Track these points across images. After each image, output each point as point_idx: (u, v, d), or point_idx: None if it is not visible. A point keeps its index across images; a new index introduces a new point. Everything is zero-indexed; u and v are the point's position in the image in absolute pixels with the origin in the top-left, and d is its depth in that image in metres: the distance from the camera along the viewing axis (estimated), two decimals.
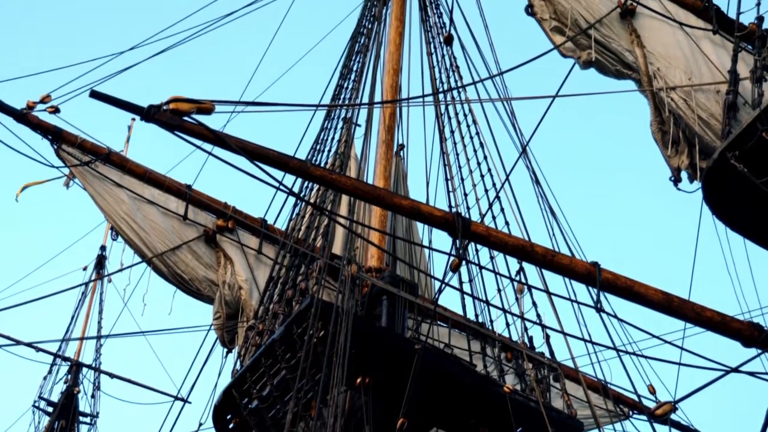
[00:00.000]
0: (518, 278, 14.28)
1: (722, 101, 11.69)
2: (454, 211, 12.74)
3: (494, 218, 14.88)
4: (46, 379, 28.84)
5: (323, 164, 15.81)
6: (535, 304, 14.17)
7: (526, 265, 14.11)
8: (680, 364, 10.48)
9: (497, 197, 15.06)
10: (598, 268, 10.09)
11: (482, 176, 15.51)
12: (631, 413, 15.20)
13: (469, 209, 15.28)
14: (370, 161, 15.77)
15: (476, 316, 14.82)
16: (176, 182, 16.22)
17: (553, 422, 12.33)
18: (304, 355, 11.97)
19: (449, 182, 15.80)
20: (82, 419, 28.67)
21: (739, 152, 10.46)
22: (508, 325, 14.37)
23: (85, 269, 28.83)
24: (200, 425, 13.72)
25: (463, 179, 15.69)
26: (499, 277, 14.25)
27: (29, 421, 28.23)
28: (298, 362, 12.09)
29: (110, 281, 27.97)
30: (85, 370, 28.92)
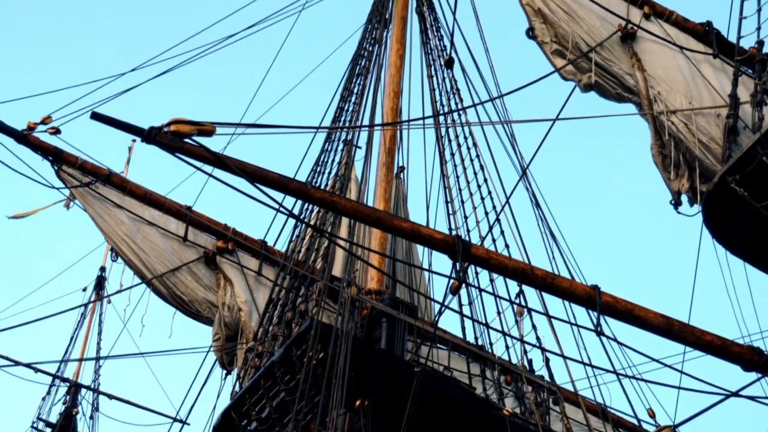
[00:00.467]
0: (518, 301, 14.27)
1: (722, 125, 11.71)
2: (454, 233, 12.76)
3: (494, 241, 14.88)
4: (44, 399, 28.74)
5: (323, 186, 15.81)
6: (534, 327, 14.15)
7: (525, 287, 14.11)
8: (680, 387, 10.47)
9: (497, 220, 15.07)
10: (598, 291, 10.09)
11: (482, 199, 15.53)
12: None
13: (469, 232, 15.28)
14: (370, 183, 15.79)
15: (476, 338, 14.81)
16: (176, 203, 16.23)
17: None
18: (303, 377, 11.94)
19: (449, 204, 15.81)
20: None
21: (739, 176, 10.48)
22: (507, 347, 14.36)
23: (84, 290, 28.77)
24: None
25: (463, 202, 15.70)
26: (498, 299, 14.24)
27: None
28: (297, 384, 12.06)
29: (110, 302, 27.89)
30: (83, 391, 28.83)
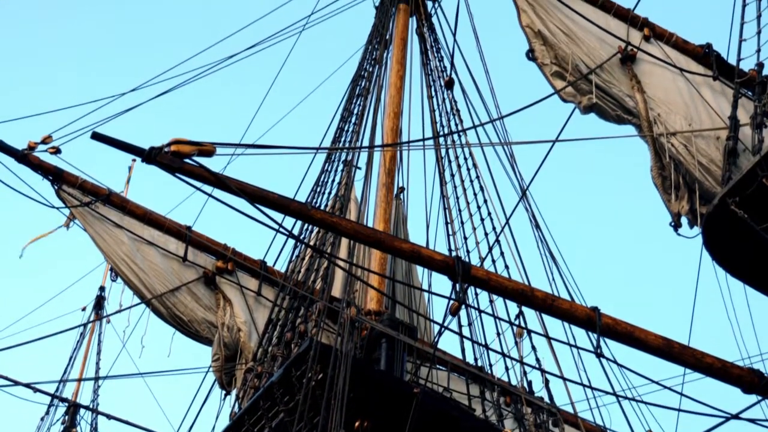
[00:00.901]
0: (518, 322, 14.26)
1: (722, 147, 11.73)
2: (454, 255, 12.75)
3: (494, 262, 14.87)
4: (43, 420, 28.63)
5: (323, 206, 15.81)
6: (534, 348, 14.13)
7: (525, 309, 14.09)
8: (680, 410, 10.44)
9: (497, 241, 15.06)
10: (598, 313, 10.09)
11: (482, 220, 15.52)
12: None
13: (468, 253, 15.27)
14: (370, 204, 15.78)
15: (475, 359, 14.78)
16: (176, 223, 16.22)
17: None
18: (302, 397, 11.91)
19: (449, 225, 15.80)
20: None
21: (739, 198, 10.49)
22: (507, 369, 14.33)
23: (83, 310, 28.71)
24: None
25: (463, 223, 15.69)
26: (498, 321, 14.23)
27: None
28: (296, 405, 12.03)
29: (109, 322, 27.83)
30: (82, 411, 28.73)
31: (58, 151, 15.44)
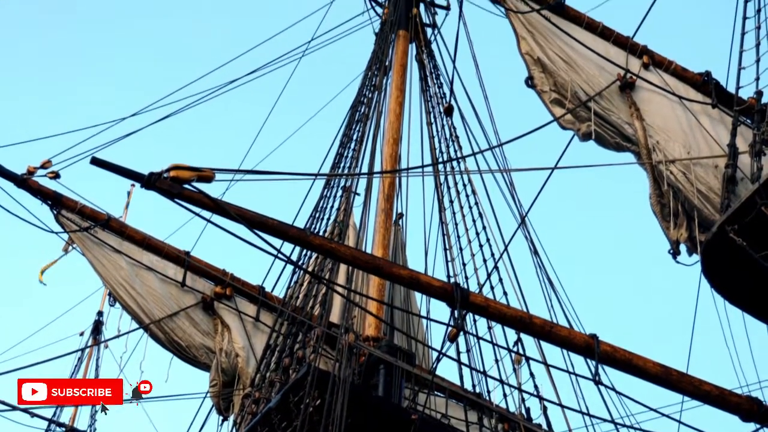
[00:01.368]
0: (516, 349, 14.23)
1: (721, 176, 11.74)
2: (452, 281, 12.75)
3: (492, 288, 14.85)
4: None
5: (322, 232, 15.81)
6: (532, 375, 14.09)
7: (524, 335, 14.07)
8: None
9: (495, 267, 15.05)
10: (596, 340, 10.09)
11: (481, 246, 15.51)
12: None
13: (467, 279, 15.26)
14: (369, 230, 15.78)
15: (473, 386, 14.75)
16: (175, 249, 16.21)
17: None
18: (300, 423, 11.89)
19: (448, 252, 15.80)
20: None
21: (738, 226, 10.50)
22: (505, 396, 14.28)
23: (81, 334, 28.67)
24: None
25: (461, 249, 15.69)
26: (496, 347, 14.20)
27: None
28: (294, 431, 12.01)
29: (107, 347, 27.80)
30: None
31: (57, 175, 15.45)
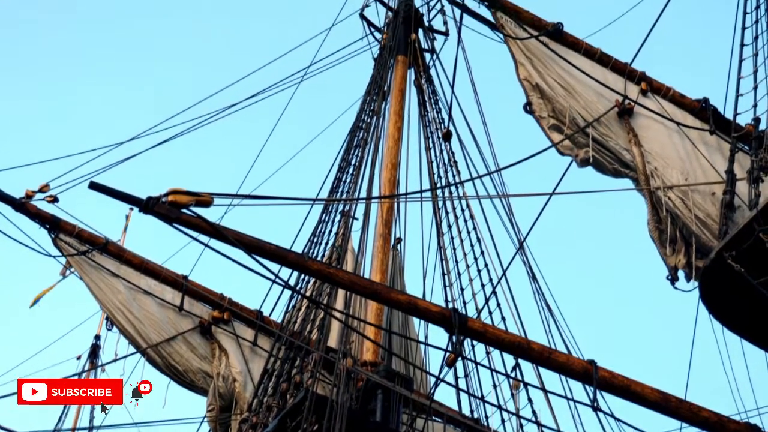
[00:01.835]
0: (514, 374, 14.20)
1: (718, 203, 11.76)
2: (450, 307, 12.73)
3: (491, 314, 14.84)
4: None
5: (320, 257, 15.80)
6: (530, 400, 14.06)
7: (522, 361, 14.04)
8: None
9: (494, 292, 15.04)
10: (594, 366, 10.08)
11: (479, 271, 15.50)
12: None
13: (465, 304, 15.25)
14: (367, 254, 15.77)
15: (471, 412, 14.73)
16: (173, 273, 16.20)
17: None
18: None
19: (446, 276, 15.80)
20: None
21: (736, 252, 10.51)
22: (503, 421, 14.26)
23: (78, 358, 28.61)
24: None
25: (459, 274, 15.68)
26: (494, 373, 14.18)
27: None
28: None
29: (104, 371, 27.74)
30: None
31: (55, 199, 15.46)
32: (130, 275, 15.90)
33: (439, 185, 16.57)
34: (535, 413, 13.99)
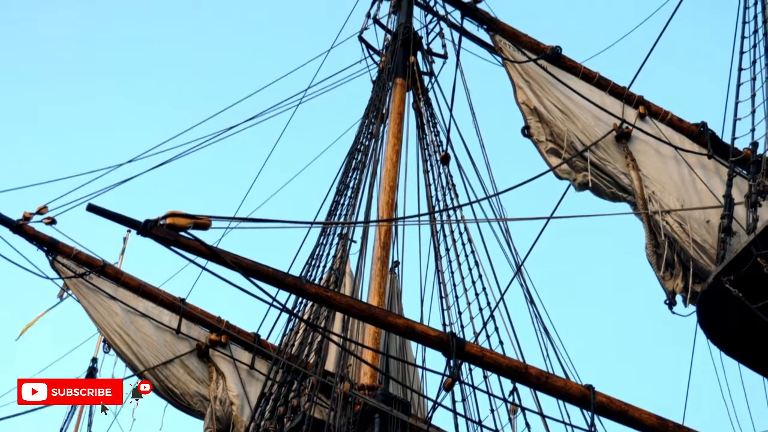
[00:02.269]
0: (512, 399, 14.17)
1: (713, 230, 11.76)
2: (448, 331, 12.70)
3: (488, 337, 14.81)
4: None
5: (318, 280, 15.78)
6: (528, 425, 14.02)
7: (520, 385, 14.02)
8: None
9: (491, 316, 15.02)
10: (592, 391, 10.05)
11: (477, 295, 15.48)
12: None
13: (463, 328, 15.22)
14: (365, 277, 15.76)
15: None
16: (170, 296, 16.19)
17: None
18: None
19: (444, 300, 15.77)
20: None
21: (734, 277, 10.50)
22: None
23: None
24: None
25: (457, 297, 15.66)
26: (492, 397, 14.15)
27: None
28: None
29: None
30: None
31: (53, 221, 15.45)
32: (127, 298, 15.88)
33: (437, 208, 16.56)
34: None
